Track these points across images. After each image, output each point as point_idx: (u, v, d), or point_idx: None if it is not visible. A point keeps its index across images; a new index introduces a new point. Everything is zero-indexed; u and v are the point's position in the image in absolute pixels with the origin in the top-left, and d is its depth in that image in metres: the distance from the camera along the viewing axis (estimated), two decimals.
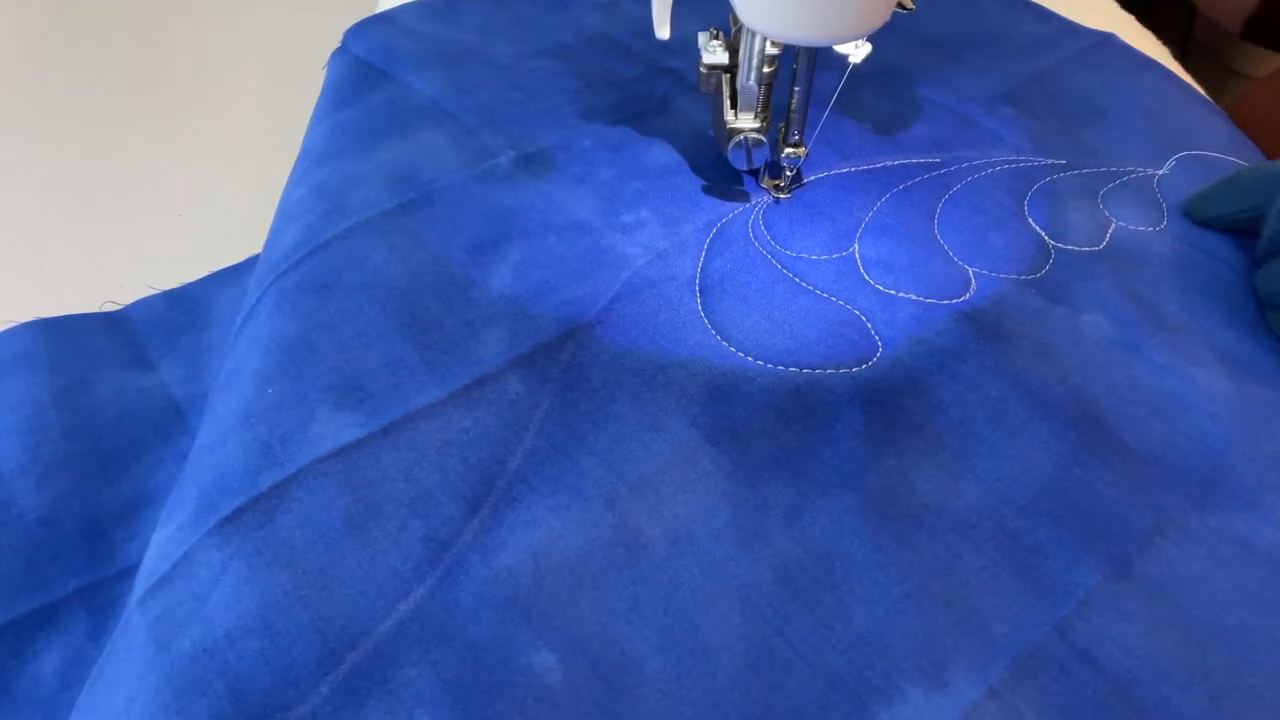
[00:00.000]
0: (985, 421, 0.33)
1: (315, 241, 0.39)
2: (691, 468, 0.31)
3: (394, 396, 0.33)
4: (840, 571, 0.29)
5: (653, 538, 0.30)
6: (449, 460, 0.31)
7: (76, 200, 0.54)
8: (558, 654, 0.27)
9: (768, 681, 0.26)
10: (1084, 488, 0.31)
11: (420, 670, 0.27)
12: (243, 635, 0.27)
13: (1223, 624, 0.28)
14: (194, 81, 0.64)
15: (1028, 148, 0.45)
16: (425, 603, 0.28)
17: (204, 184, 0.54)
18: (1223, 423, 0.33)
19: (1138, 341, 0.35)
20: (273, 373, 0.34)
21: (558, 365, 0.34)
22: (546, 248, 0.39)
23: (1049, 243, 0.40)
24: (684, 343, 0.35)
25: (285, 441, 0.32)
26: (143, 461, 0.36)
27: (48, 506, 0.34)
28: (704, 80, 0.40)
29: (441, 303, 0.37)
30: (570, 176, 0.43)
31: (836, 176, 0.43)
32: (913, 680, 0.26)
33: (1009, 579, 0.29)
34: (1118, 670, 0.27)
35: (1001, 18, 0.55)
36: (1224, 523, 0.30)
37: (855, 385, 0.34)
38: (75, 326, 0.41)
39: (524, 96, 0.48)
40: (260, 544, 0.29)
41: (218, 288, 0.44)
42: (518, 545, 0.29)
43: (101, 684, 0.28)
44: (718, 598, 0.28)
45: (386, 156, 0.44)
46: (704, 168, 0.43)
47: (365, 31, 0.52)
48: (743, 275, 0.38)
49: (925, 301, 0.37)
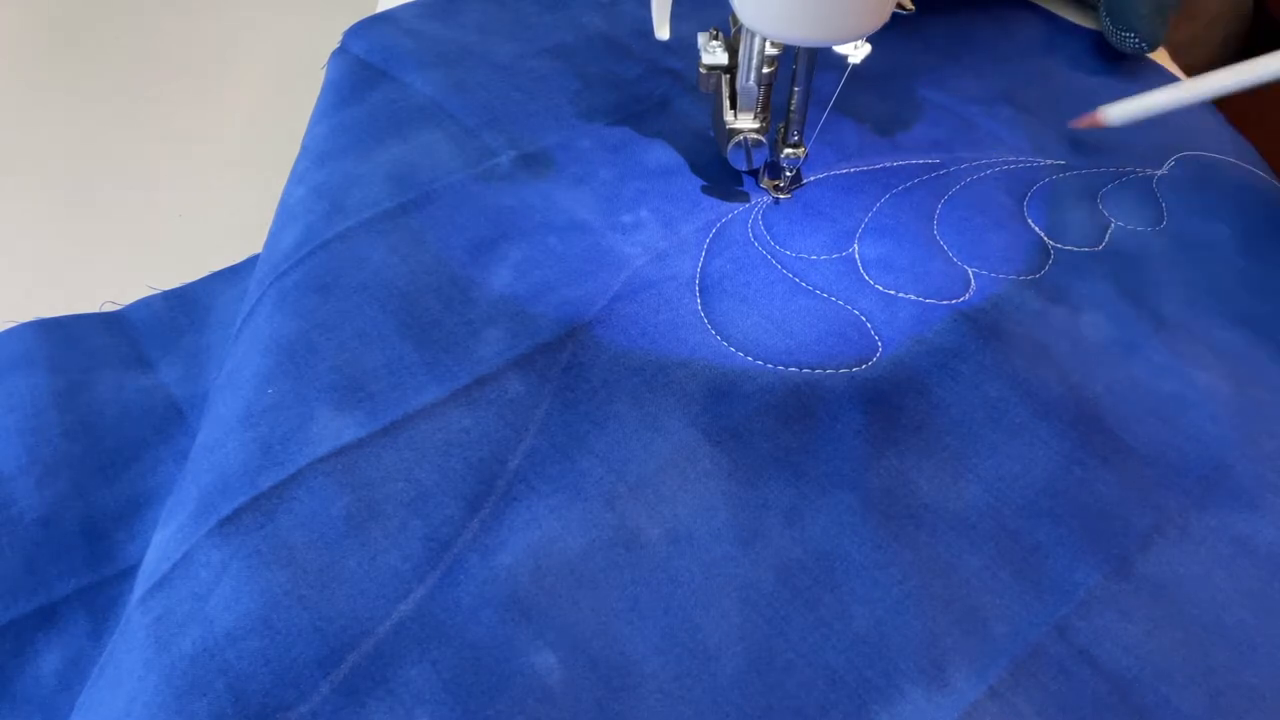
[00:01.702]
0: (985, 421, 0.33)
1: (315, 241, 0.39)
2: (691, 467, 0.31)
3: (394, 396, 0.33)
4: (840, 571, 0.29)
5: (653, 537, 0.30)
6: (449, 460, 0.31)
7: (76, 200, 0.54)
8: (558, 654, 0.27)
9: (768, 681, 0.26)
10: (1084, 487, 0.31)
11: (420, 670, 0.27)
12: (243, 635, 0.27)
13: (1223, 624, 0.28)
14: (194, 81, 0.64)
15: (1027, 148, 0.45)
16: (425, 602, 0.28)
17: (204, 184, 0.54)
18: (1223, 423, 0.33)
19: (1138, 341, 0.35)
20: (273, 373, 0.34)
21: (558, 365, 0.34)
22: (546, 248, 0.39)
23: (1048, 243, 0.40)
24: (684, 343, 0.35)
25: (285, 441, 0.32)
26: (143, 461, 0.36)
27: (48, 506, 0.34)
28: (704, 81, 0.40)
29: (441, 302, 0.37)
30: (570, 176, 0.43)
31: (836, 177, 0.43)
32: (913, 680, 0.26)
33: (1009, 579, 0.29)
34: (1118, 670, 0.27)
35: (1001, 18, 0.55)
36: (1224, 523, 0.30)
37: (855, 385, 0.34)
38: (75, 326, 0.41)
39: (524, 96, 0.48)
40: (260, 544, 0.29)
41: (218, 288, 0.44)
42: (518, 545, 0.29)
43: (102, 684, 0.28)
44: (718, 597, 0.28)
45: (386, 156, 0.44)
46: (704, 168, 0.43)
47: (365, 31, 0.52)
48: (743, 275, 0.38)
49: (925, 301, 0.37)
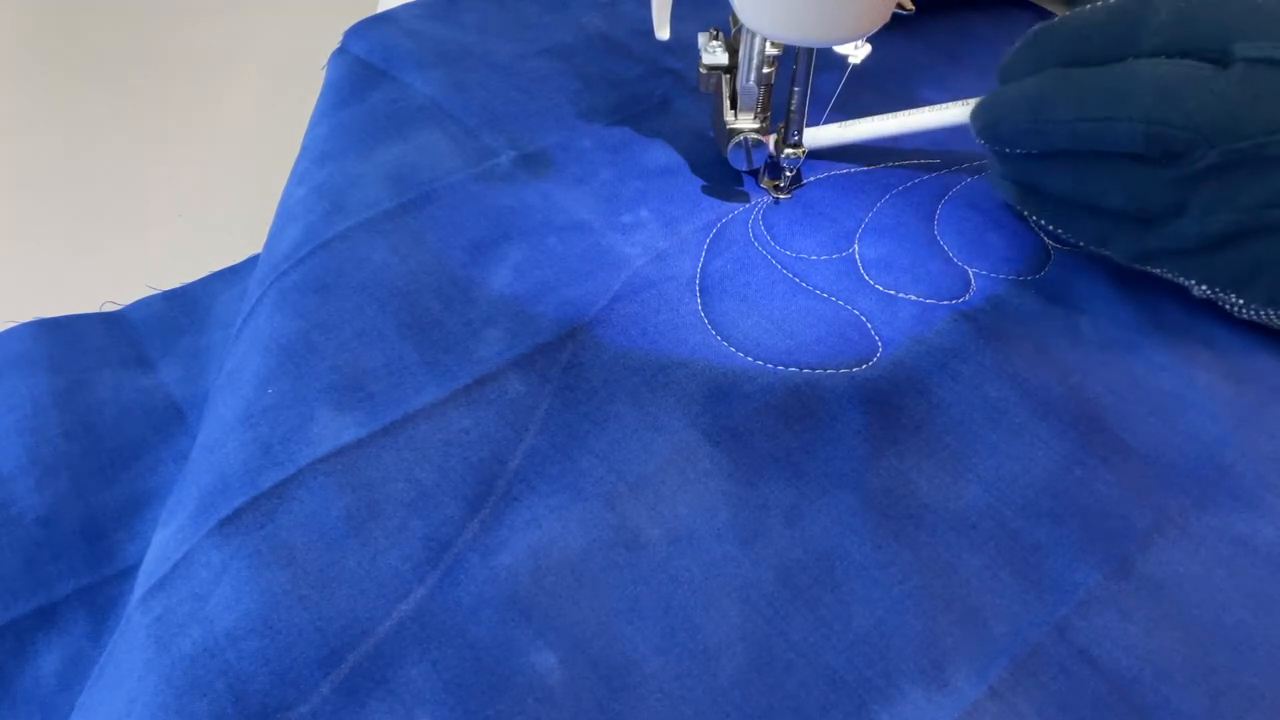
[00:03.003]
0: (985, 421, 0.33)
1: (315, 241, 0.39)
2: (692, 467, 0.31)
3: (394, 396, 0.33)
4: (840, 571, 0.29)
5: (653, 537, 0.30)
6: (449, 460, 0.31)
7: (77, 200, 0.54)
8: (558, 653, 0.27)
9: (768, 681, 0.27)
10: (1084, 487, 0.31)
11: (420, 670, 0.27)
12: (243, 635, 0.27)
13: (1223, 624, 0.28)
14: (194, 81, 0.64)
15: None
16: (426, 602, 0.28)
17: (204, 184, 0.54)
18: (1223, 423, 0.33)
19: (1137, 341, 0.35)
20: (273, 373, 0.34)
21: (558, 365, 0.34)
22: (546, 248, 0.39)
23: (1048, 243, 0.40)
24: (684, 343, 0.35)
25: (285, 441, 0.32)
26: (143, 461, 0.36)
27: (47, 506, 0.34)
28: (704, 81, 0.40)
29: (441, 303, 0.37)
30: (570, 176, 0.43)
31: (836, 177, 0.43)
32: (913, 680, 0.26)
33: (1009, 578, 0.29)
34: (1118, 670, 0.27)
35: (1001, 18, 0.55)
36: (1224, 523, 0.30)
37: (855, 385, 0.34)
38: (75, 326, 0.41)
39: (524, 96, 0.48)
40: (260, 544, 0.29)
41: (218, 288, 0.44)
42: (518, 545, 0.29)
43: (102, 684, 0.28)
44: (718, 597, 0.28)
45: (386, 156, 0.44)
46: (704, 168, 0.43)
47: (365, 31, 0.52)
48: (743, 275, 0.38)
49: (925, 302, 0.37)
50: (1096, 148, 0.33)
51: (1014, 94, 0.35)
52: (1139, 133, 0.31)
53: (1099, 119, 0.32)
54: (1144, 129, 0.31)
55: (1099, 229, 0.35)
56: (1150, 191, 0.33)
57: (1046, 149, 0.35)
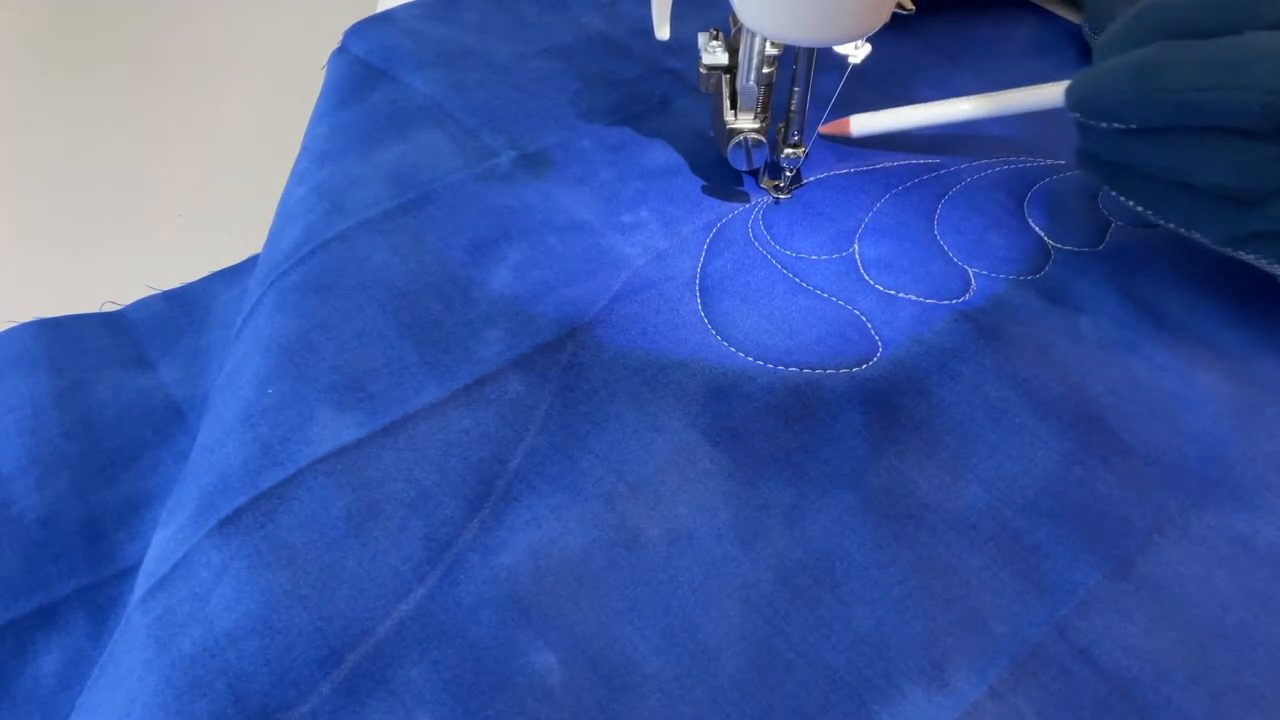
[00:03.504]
0: (985, 421, 0.33)
1: (315, 241, 0.39)
2: (691, 467, 0.31)
3: (394, 396, 0.33)
4: (840, 571, 0.29)
5: (653, 537, 0.30)
6: (449, 460, 0.31)
7: (76, 200, 0.54)
8: (558, 654, 0.27)
9: (768, 681, 0.26)
10: (1084, 487, 0.31)
11: (420, 670, 0.27)
12: (243, 635, 0.27)
13: (1223, 624, 0.28)
14: (194, 81, 0.64)
15: (1027, 148, 0.45)
16: (425, 602, 0.28)
17: (204, 184, 0.54)
18: (1223, 423, 0.33)
19: (1138, 341, 0.35)
20: (273, 373, 0.34)
21: (558, 365, 0.34)
22: (546, 248, 0.39)
23: (1048, 243, 0.40)
24: (684, 343, 0.35)
25: (285, 441, 0.32)
26: (143, 461, 0.36)
27: (47, 506, 0.34)
28: (704, 81, 0.40)
29: (441, 302, 0.37)
30: (570, 176, 0.43)
31: (836, 177, 0.43)
32: (913, 680, 0.26)
33: (1009, 578, 0.29)
34: (1118, 670, 0.27)
35: (1000, 18, 0.55)
36: (1224, 523, 0.30)
37: (855, 385, 0.34)
38: (75, 326, 0.41)
39: (524, 96, 0.48)
40: (260, 544, 0.29)
41: (218, 288, 0.44)
42: (518, 545, 0.29)
43: (102, 684, 0.28)
44: (718, 597, 0.28)
45: (386, 156, 0.44)
46: (704, 168, 0.43)
47: (365, 31, 0.52)
48: (743, 275, 0.38)
49: (925, 302, 0.37)
50: (1205, 121, 0.31)
51: (1117, 64, 0.33)
52: (1254, 103, 0.29)
53: (1212, 88, 0.30)
54: (1260, 99, 0.29)
55: (1191, 209, 0.33)
56: (1259, 169, 0.30)
57: (1148, 123, 0.32)
